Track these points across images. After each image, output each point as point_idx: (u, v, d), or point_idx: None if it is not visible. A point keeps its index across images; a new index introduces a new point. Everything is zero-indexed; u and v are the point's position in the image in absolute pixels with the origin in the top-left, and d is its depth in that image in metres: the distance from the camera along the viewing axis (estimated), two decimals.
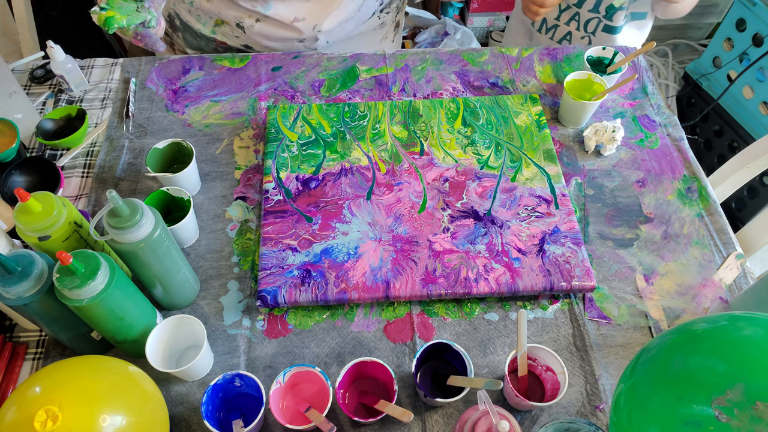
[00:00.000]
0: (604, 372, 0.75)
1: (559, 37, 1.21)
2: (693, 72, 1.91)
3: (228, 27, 1.09)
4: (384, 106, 0.99)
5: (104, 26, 0.76)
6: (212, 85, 1.05)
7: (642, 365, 0.56)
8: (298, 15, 1.05)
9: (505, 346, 0.77)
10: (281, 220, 0.84)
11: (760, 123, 1.69)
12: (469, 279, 0.79)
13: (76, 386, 0.57)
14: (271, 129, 0.95)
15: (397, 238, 0.83)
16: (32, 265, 0.60)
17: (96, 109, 1.02)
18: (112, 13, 0.76)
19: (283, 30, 1.07)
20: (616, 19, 1.13)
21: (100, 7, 0.76)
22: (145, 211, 0.63)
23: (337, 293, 0.77)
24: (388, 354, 0.76)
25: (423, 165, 0.91)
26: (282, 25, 1.06)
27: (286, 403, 0.71)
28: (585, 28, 1.17)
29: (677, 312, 0.81)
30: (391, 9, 1.19)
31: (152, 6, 0.78)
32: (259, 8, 1.03)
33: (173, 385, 0.74)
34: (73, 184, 0.92)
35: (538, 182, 0.89)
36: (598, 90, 0.97)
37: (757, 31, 1.64)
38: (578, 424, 0.62)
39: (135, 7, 0.77)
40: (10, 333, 0.77)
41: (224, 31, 1.10)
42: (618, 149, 0.97)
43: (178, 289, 0.75)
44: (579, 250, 0.82)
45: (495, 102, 0.99)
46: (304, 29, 1.08)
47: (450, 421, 0.72)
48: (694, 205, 0.91)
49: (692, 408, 0.48)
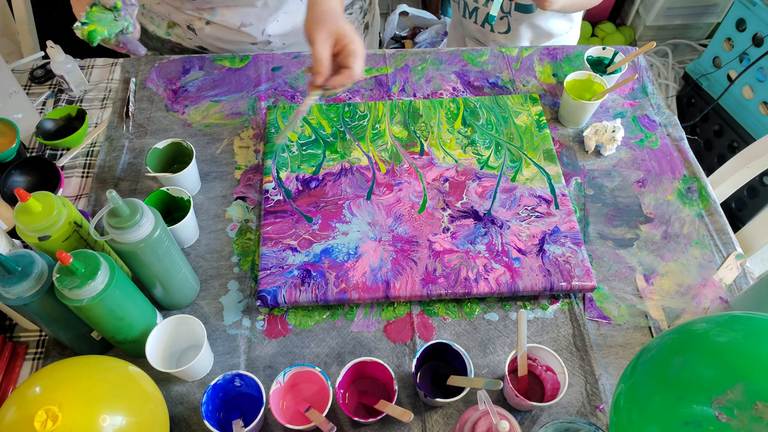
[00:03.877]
0: (604, 372, 0.75)
1: (481, 19, 1.19)
2: (693, 72, 1.92)
3: (180, 29, 1.09)
4: (384, 106, 0.99)
5: (88, 40, 0.79)
6: (212, 85, 1.05)
7: (642, 365, 0.56)
8: (244, 21, 1.05)
9: (505, 346, 0.77)
10: (281, 220, 0.84)
11: (760, 123, 1.69)
12: (469, 279, 0.79)
13: (76, 386, 0.57)
14: (271, 129, 0.95)
15: (397, 238, 0.83)
16: (32, 265, 0.60)
17: (96, 109, 1.02)
18: (93, 26, 0.78)
19: (233, 34, 1.07)
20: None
21: (81, 23, 0.79)
22: (145, 211, 0.63)
23: (337, 293, 0.77)
24: (388, 354, 0.76)
25: (423, 165, 0.91)
26: (231, 31, 1.06)
27: (286, 403, 0.71)
28: (501, 7, 1.15)
29: (677, 312, 0.81)
30: (353, 10, 1.17)
31: (127, 13, 0.81)
32: (205, 15, 1.03)
33: (173, 385, 0.74)
34: (73, 184, 0.92)
35: (538, 182, 0.89)
36: (598, 90, 0.97)
37: (757, 31, 1.64)
38: (578, 424, 0.62)
39: (113, 16, 0.80)
40: (10, 333, 0.77)
41: (177, 33, 1.10)
42: (618, 149, 0.97)
43: (178, 289, 0.75)
44: (579, 250, 0.82)
45: (495, 102, 0.99)
46: (254, 33, 1.07)
47: (450, 421, 0.72)
48: (694, 205, 0.91)
49: (692, 408, 0.48)
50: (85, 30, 0.78)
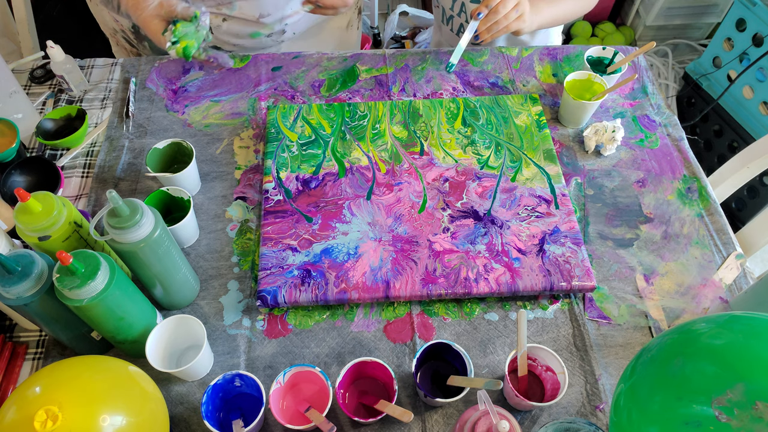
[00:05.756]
0: (604, 372, 0.75)
1: (456, 28, 1.20)
2: (693, 72, 1.92)
3: None
4: (384, 106, 0.99)
5: (184, 56, 0.83)
6: (212, 85, 1.05)
7: (642, 365, 0.56)
8: (263, 11, 1.05)
9: (505, 346, 0.77)
10: (281, 220, 0.84)
11: (760, 123, 1.69)
12: (469, 279, 0.79)
13: (76, 386, 0.57)
14: (271, 129, 0.95)
15: (397, 238, 0.83)
16: (32, 265, 0.60)
17: (96, 109, 1.02)
18: (185, 42, 0.82)
19: (251, 26, 1.07)
20: None
21: (171, 42, 0.82)
22: (145, 211, 0.63)
23: (337, 293, 0.77)
24: (388, 354, 0.76)
25: (423, 165, 0.91)
26: (249, 23, 1.06)
27: (286, 403, 0.71)
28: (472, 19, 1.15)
29: (677, 312, 0.81)
30: None
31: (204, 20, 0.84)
32: (224, 10, 1.03)
33: (173, 385, 0.74)
34: (73, 184, 0.92)
35: (538, 182, 0.89)
36: (598, 90, 0.97)
37: (757, 31, 1.64)
38: (578, 424, 0.62)
39: (194, 27, 0.83)
40: (10, 333, 0.77)
41: None
42: (618, 149, 0.97)
43: (178, 289, 0.75)
44: (579, 250, 0.82)
45: (495, 102, 0.99)
46: (271, 23, 1.08)
47: (450, 421, 0.72)
48: (694, 205, 0.91)
49: (692, 408, 0.48)
50: (180, 48, 0.82)
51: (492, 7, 0.92)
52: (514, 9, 0.92)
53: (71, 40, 1.50)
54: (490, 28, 0.94)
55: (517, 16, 0.93)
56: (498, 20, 0.92)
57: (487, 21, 0.93)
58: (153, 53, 1.15)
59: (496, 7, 0.91)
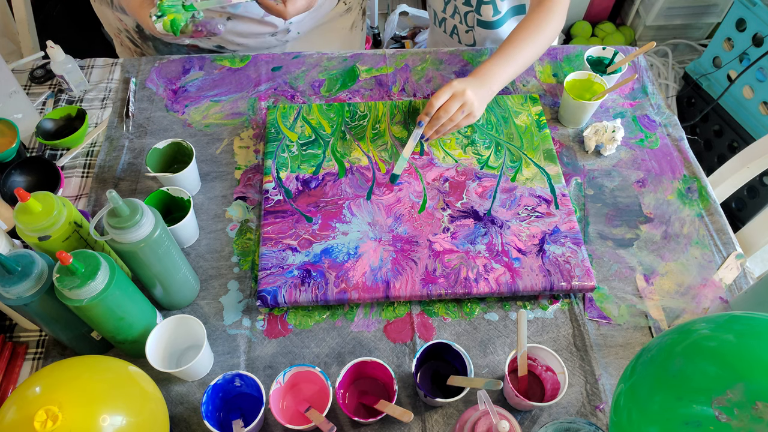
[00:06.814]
0: (604, 372, 0.75)
1: (449, 30, 1.19)
2: (693, 72, 1.92)
3: None
4: (384, 106, 0.99)
5: (171, 30, 0.82)
6: (212, 85, 1.05)
7: (642, 365, 0.56)
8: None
9: (505, 346, 0.77)
10: (281, 220, 0.84)
11: (760, 123, 1.69)
12: (469, 279, 0.79)
13: (76, 386, 0.57)
14: (271, 129, 0.95)
15: (397, 238, 0.83)
16: (32, 265, 0.60)
17: (96, 109, 1.02)
18: (171, 15, 0.81)
19: (256, 25, 1.07)
20: (485, 13, 1.08)
21: (156, 16, 0.81)
22: (145, 211, 0.63)
23: (337, 293, 0.77)
24: (388, 354, 0.76)
25: (423, 165, 0.91)
26: (254, 21, 1.06)
27: (286, 403, 0.71)
28: (466, 21, 1.14)
29: (677, 312, 0.81)
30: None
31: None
32: (229, 8, 1.03)
33: (173, 385, 0.74)
34: (73, 184, 0.92)
35: (538, 182, 0.89)
36: (598, 90, 0.97)
37: (757, 31, 1.64)
38: (578, 424, 0.62)
39: (181, 2, 0.82)
40: (10, 333, 0.77)
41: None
42: (618, 149, 0.97)
43: (178, 289, 0.75)
44: (579, 250, 0.82)
45: (495, 102, 0.99)
46: (276, 21, 1.07)
47: (450, 421, 0.72)
48: (694, 205, 0.91)
49: (692, 408, 0.48)
50: (166, 21, 0.80)
51: (432, 114, 0.87)
52: (459, 111, 0.86)
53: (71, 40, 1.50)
54: (438, 131, 0.89)
55: (465, 115, 0.87)
56: (444, 123, 0.87)
57: (432, 126, 0.88)
58: (157, 54, 1.15)
59: (438, 114, 0.86)
